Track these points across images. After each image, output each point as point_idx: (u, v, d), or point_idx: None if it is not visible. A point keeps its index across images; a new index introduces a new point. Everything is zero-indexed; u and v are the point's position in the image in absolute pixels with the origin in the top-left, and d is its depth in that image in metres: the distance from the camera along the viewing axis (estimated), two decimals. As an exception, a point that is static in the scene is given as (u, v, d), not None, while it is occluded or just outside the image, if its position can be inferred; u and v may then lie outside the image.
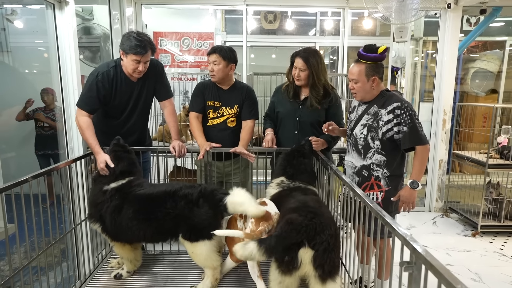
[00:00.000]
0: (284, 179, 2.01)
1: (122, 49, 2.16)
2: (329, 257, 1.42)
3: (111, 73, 2.20)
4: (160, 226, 1.82)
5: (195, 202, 1.78)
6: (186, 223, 1.79)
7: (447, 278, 0.80)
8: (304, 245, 1.41)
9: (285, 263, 1.42)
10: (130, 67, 2.17)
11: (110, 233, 1.91)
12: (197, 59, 4.99)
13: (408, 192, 2.08)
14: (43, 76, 4.16)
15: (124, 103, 2.31)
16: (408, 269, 0.96)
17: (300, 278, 1.49)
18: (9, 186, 1.54)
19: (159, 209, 1.80)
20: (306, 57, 2.32)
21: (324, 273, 1.42)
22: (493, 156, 3.59)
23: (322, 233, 1.42)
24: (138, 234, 1.84)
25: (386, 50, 2.07)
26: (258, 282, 1.71)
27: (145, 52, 2.14)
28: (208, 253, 1.80)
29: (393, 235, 1.13)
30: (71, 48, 2.43)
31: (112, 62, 2.27)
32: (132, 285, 1.97)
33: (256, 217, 1.63)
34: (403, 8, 2.38)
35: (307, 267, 1.42)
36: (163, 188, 1.87)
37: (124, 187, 1.91)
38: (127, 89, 2.28)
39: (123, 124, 2.36)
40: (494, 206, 3.60)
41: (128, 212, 1.82)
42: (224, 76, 2.41)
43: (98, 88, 2.17)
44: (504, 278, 2.80)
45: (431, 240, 3.50)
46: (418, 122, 2.05)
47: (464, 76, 5.56)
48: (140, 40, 2.12)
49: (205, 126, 2.49)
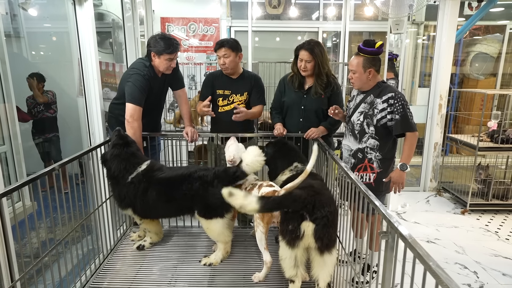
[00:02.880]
0: (298, 164, 2.19)
1: (154, 51, 2.40)
2: (327, 231, 1.60)
3: (150, 71, 2.45)
4: (180, 205, 2.05)
5: (210, 183, 1.97)
6: (201, 202, 2.00)
7: (410, 243, 1.05)
8: (306, 219, 1.59)
9: (289, 232, 1.61)
10: (164, 66, 2.42)
11: (140, 213, 2.16)
12: (203, 44, 5.15)
13: (398, 173, 2.33)
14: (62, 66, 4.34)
15: (152, 96, 2.53)
16: (385, 237, 1.22)
17: (305, 251, 1.65)
18: (55, 168, 1.78)
19: (178, 191, 2.00)
20: (311, 48, 2.51)
21: (322, 246, 1.60)
22: (484, 139, 3.81)
23: (322, 209, 1.60)
24: (163, 212, 2.11)
25: (383, 45, 2.28)
26: (264, 253, 1.88)
27: (176, 51, 2.42)
28: (221, 229, 2.02)
29: (375, 211, 1.38)
30: (90, 42, 2.63)
31: (145, 62, 2.47)
32: (151, 256, 2.18)
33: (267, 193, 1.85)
34: (399, 3, 2.54)
35: (309, 239, 1.60)
36: (180, 172, 2.06)
37: (146, 173, 2.08)
38: (156, 84, 2.52)
39: (146, 115, 2.52)
40: (483, 186, 3.86)
41: (153, 194, 2.03)
42: (235, 65, 2.62)
43: (146, 84, 2.39)
44: (485, 251, 3.09)
45: (423, 217, 3.79)
46: (409, 111, 2.27)
47: (465, 58, 5.68)
48: (169, 40, 2.39)
49: (216, 112, 2.72)
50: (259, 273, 1.91)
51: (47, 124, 4.16)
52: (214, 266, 2.06)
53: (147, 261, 2.13)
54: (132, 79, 2.37)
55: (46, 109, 4.09)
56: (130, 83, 2.36)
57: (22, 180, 1.58)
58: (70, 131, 4.37)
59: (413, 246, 1.04)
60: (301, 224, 1.59)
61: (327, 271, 1.63)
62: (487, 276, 2.73)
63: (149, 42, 2.43)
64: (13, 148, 3.01)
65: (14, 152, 3.03)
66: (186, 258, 2.16)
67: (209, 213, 2.01)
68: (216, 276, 1.97)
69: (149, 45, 2.42)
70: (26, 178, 1.60)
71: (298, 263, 1.64)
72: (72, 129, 4.30)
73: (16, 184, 1.53)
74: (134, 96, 2.34)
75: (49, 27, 4.51)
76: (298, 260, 1.64)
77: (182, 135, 2.61)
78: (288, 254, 1.63)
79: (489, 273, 2.77)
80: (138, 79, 2.37)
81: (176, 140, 2.69)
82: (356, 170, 2.42)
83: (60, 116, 4.27)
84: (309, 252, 1.66)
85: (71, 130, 4.33)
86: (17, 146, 3.03)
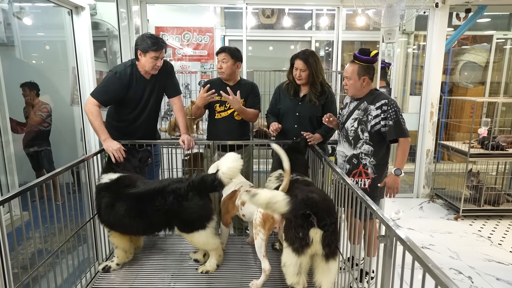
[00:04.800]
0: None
1: (140, 49, 2.40)
2: (335, 238, 1.62)
3: (128, 71, 2.45)
4: (154, 221, 1.92)
5: (184, 196, 1.85)
6: (178, 217, 1.89)
7: (409, 245, 1.07)
8: (314, 225, 1.59)
9: (298, 240, 1.58)
10: (149, 64, 2.42)
11: (106, 224, 2.03)
12: (197, 52, 5.19)
13: (392, 178, 2.38)
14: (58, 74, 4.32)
15: (138, 99, 2.54)
16: (383, 241, 1.23)
17: (310, 259, 1.64)
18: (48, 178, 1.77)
19: (149, 206, 1.87)
20: (306, 58, 2.56)
21: (329, 252, 1.60)
22: (474, 146, 3.88)
23: (331, 215, 1.61)
24: (133, 228, 1.96)
25: (377, 54, 2.34)
26: (263, 260, 1.84)
27: (162, 48, 2.41)
28: (205, 240, 1.93)
29: (373, 216, 1.40)
30: (87, 50, 2.65)
31: (128, 62, 2.51)
32: (148, 264, 2.14)
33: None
34: (391, 14, 2.61)
35: (317, 246, 1.58)
36: (152, 186, 1.93)
37: (110, 186, 1.99)
38: (141, 85, 2.52)
39: (136, 118, 2.59)
40: (474, 192, 3.92)
41: (120, 208, 1.91)
42: (231, 72, 2.66)
43: (115, 82, 2.40)
44: (479, 256, 3.13)
45: (417, 223, 3.82)
46: (402, 118, 2.33)
47: (454, 67, 5.82)
48: (155, 39, 2.40)
49: (213, 119, 2.74)
50: (256, 280, 1.90)
51: (39, 138, 4.11)
52: (211, 273, 2.03)
53: (144, 269, 2.10)
54: (104, 77, 2.43)
55: (40, 123, 4.05)
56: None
57: (14, 190, 1.55)
58: (64, 140, 4.33)
59: (411, 248, 1.06)
60: (309, 231, 1.58)
61: (331, 278, 1.64)
62: (482, 281, 2.76)
63: (137, 40, 2.45)
64: (5, 157, 2.97)
65: (6, 161, 2.99)
66: (183, 266, 2.14)
67: (189, 227, 1.92)
68: (213, 285, 1.95)
69: (136, 44, 2.44)
70: (18, 189, 1.57)
71: (301, 270, 1.63)
72: (66, 138, 4.27)
73: (7, 195, 1.49)
74: (97, 89, 2.42)
75: (44, 36, 4.50)
76: (303, 267, 1.63)
77: (178, 143, 2.62)
78: (294, 261, 1.61)
79: (483, 278, 2.80)
80: (108, 76, 2.44)
81: (172, 148, 2.70)
82: (351, 175, 2.45)
83: (54, 126, 4.23)
84: (314, 258, 1.66)
85: (65, 139, 4.30)
86: (9, 155, 3.00)
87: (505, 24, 5.78)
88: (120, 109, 2.57)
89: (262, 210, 1.83)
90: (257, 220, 1.87)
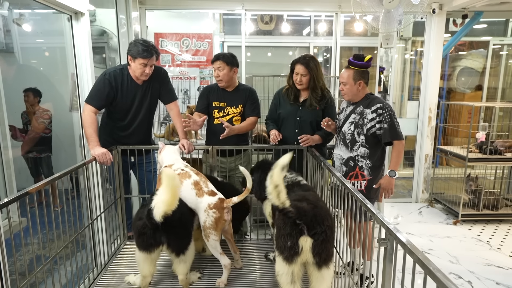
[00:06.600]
0: (287, 173, 2.18)
1: (130, 54, 2.41)
2: (326, 247, 1.59)
3: (118, 74, 2.46)
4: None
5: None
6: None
7: (410, 248, 1.07)
8: (304, 233, 1.57)
9: (287, 249, 1.57)
10: (138, 71, 2.42)
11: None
12: (196, 58, 5.21)
13: (387, 180, 2.41)
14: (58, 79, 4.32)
15: (129, 104, 2.54)
16: (383, 244, 1.23)
17: (302, 266, 1.63)
18: (47, 183, 1.76)
19: None
20: (306, 63, 2.58)
21: (320, 261, 1.59)
22: (473, 150, 3.90)
23: (321, 223, 1.58)
24: None
25: (371, 59, 2.37)
26: (221, 257, 1.92)
27: (151, 56, 2.40)
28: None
29: (373, 218, 1.40)
30: (86, 57, 2.66)
31: (120, 65, 2.53)
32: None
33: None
34: (389, 19, 2.64)
35: (307, 254, 1.57)
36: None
37: None
38: (132, 90, 2.52)
39: (129, 124, 2.59)
40: (473, 196, 3.92)
41: None
42: (229, 79, 2.67)
43: (105, 85, 2.41)
44: (479, 260, 3.12)
45: (416, 228, 3.82)
46: (396, 121, 2.38)
47: (451, 73, 5.86)
48: (146, 46, 2.38)
49: (212, 124, 2.74)
50: (219, 278, 1.96)
51: (41, 144, 4.10)
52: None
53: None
54: (95, 81, 2.45)
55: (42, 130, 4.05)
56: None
57: (13, 195, 1.54)
58: (63, 146, 4.32)
59: (412, 251, 1.06)
60: (299, 239, 1.57)
61: (325, 285, 1.62)
62: (482, 286, 2.75)
63: (129, 45, 2.45)
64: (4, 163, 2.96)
65: (5, 167, 2.98)
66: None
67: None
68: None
69: (129, 48, 2.44)
70: (16, 194, 1.57)
71: (295, 279, 1.62)
72: (65, 144, 4.26)
73: (5, 200, 1.48)
74: (90, 95, 2.44)
75: (44, 42, 4.51)
76: (295, 275, 1.61)
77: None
78: (285, 270, 1.60)
79: (483, 282, 2.79)
80: (98, 79, 2.45)
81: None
82: (348, 177, 2.48)
83: (53, 132, 4.23)
84: (307, 267, 1.65)
85: (64, 145, 4.29)
86: (7, 161, 2.99)
87: (501, 30, 5.84)
88: (113, 115, 2.58)
89: (215, 215, 1.87)
90: (207, 223, 1.87)
